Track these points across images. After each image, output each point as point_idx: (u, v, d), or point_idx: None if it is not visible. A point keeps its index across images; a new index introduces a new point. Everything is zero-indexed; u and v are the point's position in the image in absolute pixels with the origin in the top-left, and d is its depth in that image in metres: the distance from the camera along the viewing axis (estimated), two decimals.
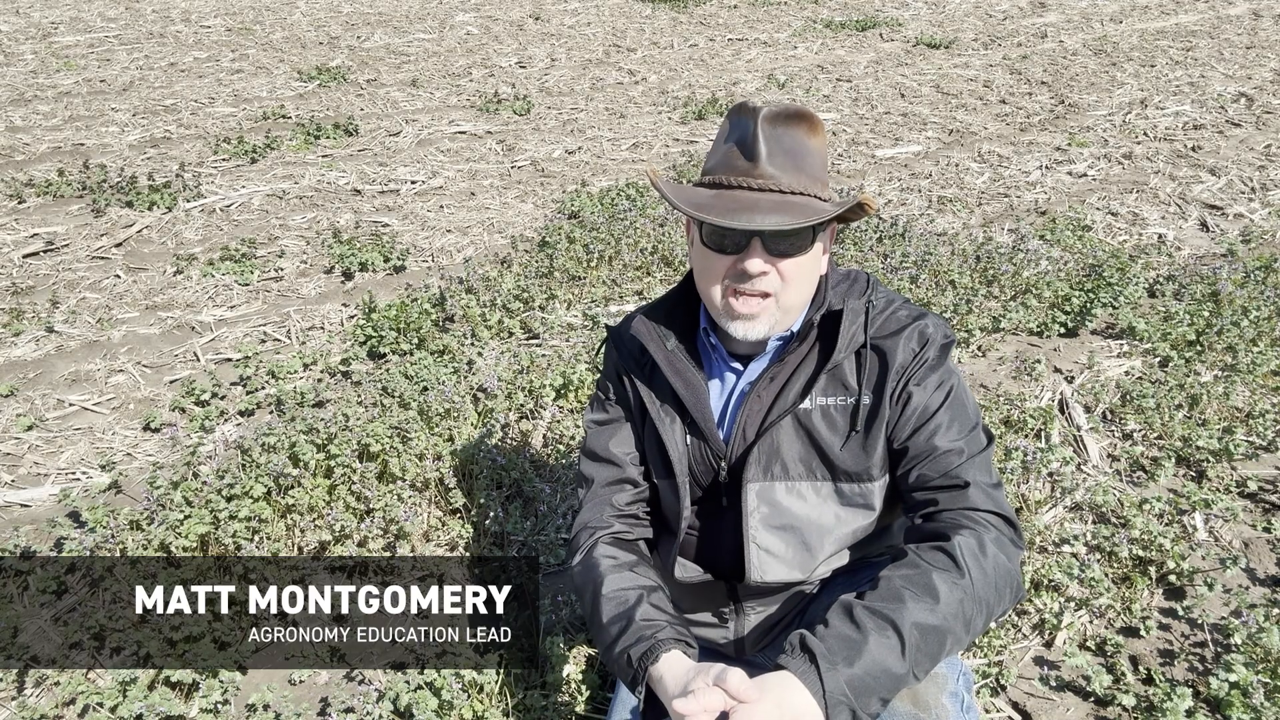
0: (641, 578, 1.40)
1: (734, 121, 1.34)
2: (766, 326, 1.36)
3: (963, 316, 3.44)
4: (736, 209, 1.27)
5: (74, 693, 1.97)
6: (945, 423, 1.36)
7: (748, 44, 9.01)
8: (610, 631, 1.32)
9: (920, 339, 1.39)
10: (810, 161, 1.32)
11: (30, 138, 6.24)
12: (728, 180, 1.32)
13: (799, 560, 1.46)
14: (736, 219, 1.25)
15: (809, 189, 1.30)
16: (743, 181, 1.30)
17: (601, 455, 1.55)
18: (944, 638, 1.17)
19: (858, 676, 1.11)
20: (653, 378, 1.51)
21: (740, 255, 1.31)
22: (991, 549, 1.26)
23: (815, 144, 1.33)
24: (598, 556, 1.44)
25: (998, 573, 1.25)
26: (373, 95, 7.34)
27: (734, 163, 1.32)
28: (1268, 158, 5.57)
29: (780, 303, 1.35)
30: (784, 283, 1.33)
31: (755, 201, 1.28)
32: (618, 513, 1.52)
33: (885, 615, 1.16)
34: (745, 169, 1.30)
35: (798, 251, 1.31)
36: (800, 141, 1.31)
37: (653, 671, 1.23)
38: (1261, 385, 3.08)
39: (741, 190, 1.30)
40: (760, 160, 1.29)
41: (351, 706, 1.93)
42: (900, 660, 1.13)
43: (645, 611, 1.31)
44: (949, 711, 1.31)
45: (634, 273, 4.00)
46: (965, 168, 5.53)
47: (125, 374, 3.50)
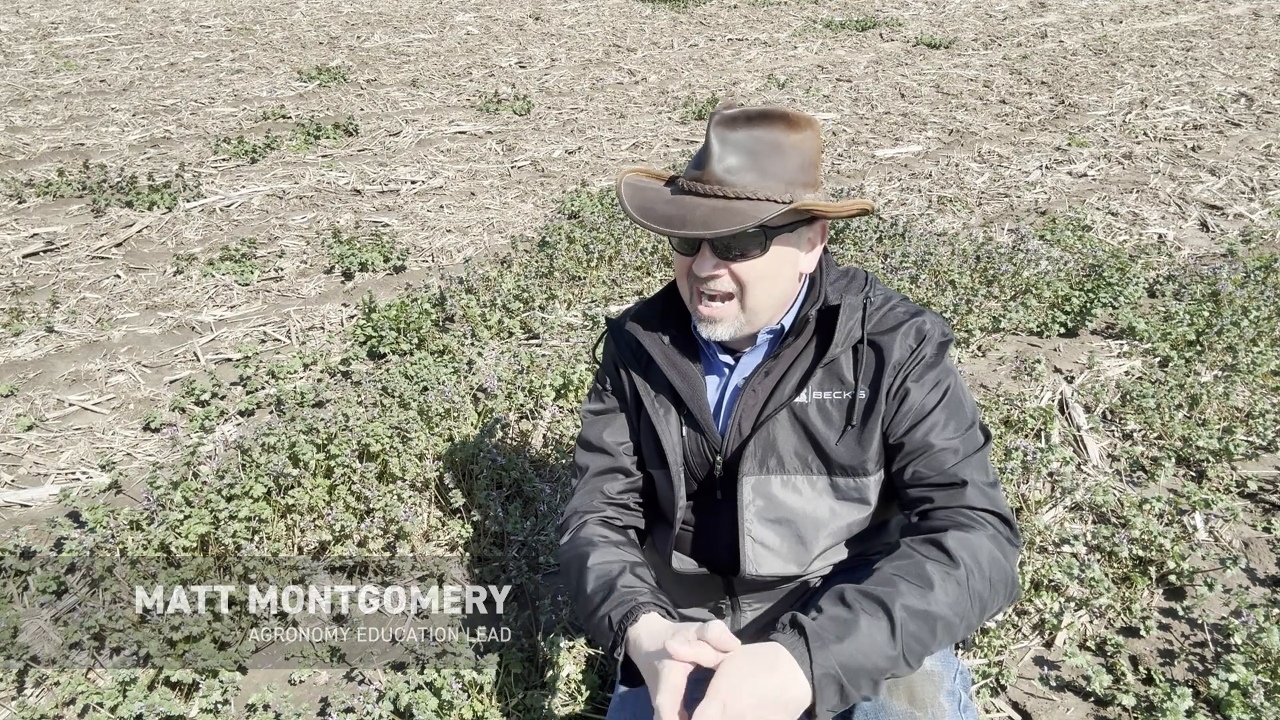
0: (626, 554, 1.42)
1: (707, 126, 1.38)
2: (731, 329, 1.38)
3: (963, 316, 3.44)
4: (681, 215, 1.30)
5: (74, 693, 1.97)
6: (942, 420, 1.36)
7: (748, 44, 9.01)
8: (593, 600, 1.34)
9: (918, 335, 1.40)
10: (779, 161, 1.30)
11: (30, 138, 6.25)
12: (685, 185, 1.35)
13: (794, 554, 1.47)
14: (675, 226, 1.29)
15: (760, 192, 1.29)
16: (694, 186, 1.32)
17: (595, 444, 1.57)
18: (935, 624, 1.17)
19: (847, 653, 1.10)
20: (649, 370, 1.53)
21: (694, 258, 1.34)
22: (988, 545, 1.26)
23: (794, 140, 1.32)
24: (586, 535, 1.47)
25: (993, 568, 1.25)
26: (373, 95, 7.34)
27: (692, 168, 1.35)
28: (1268, 158, 5.57)
29: (745, 305, 1.36)
30: (742, 285, 1.34)
31: (696, 206, 1.30)
32: (608, 500, 1.55)
33: (876, 598, 1.16)
34: (697, 175, 1.32)
35: (750, 255, 1.32)
36: (771, 140, 1.30)
37: (631, 632, 1.25)
38: (1261, 385, 3.08)
39: (691, 196, 1.32)
40: (709, 164, 1.30)
41: (351, 706, 1.93)
42: (891, 641, 1.13)
43: (627, 580, 1.33)
44: (946, 711, 1.31)
45: (634, 273, 4.00)
46: (965, 168, 5.53)
47: (125, 374, 3.50)
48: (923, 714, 1.29)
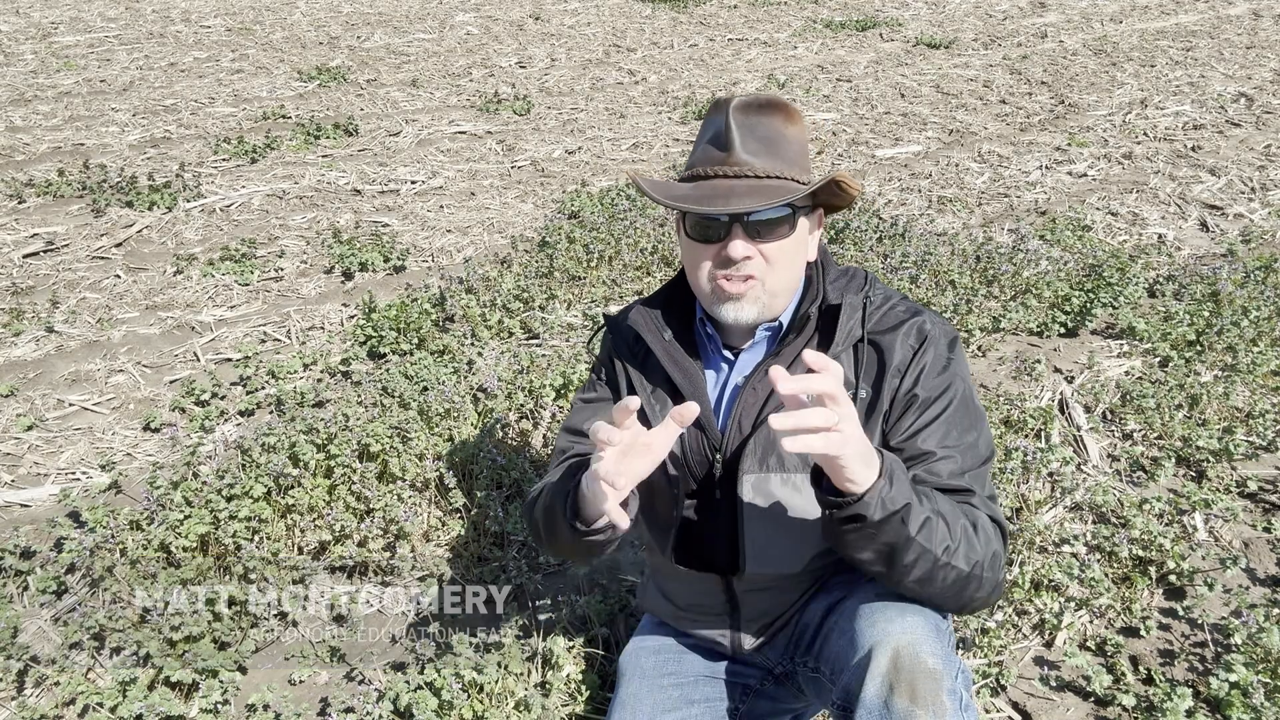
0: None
1: (710, 118, 1.40)
2: (755, 309, 1.39)
3: (963, 316, 3.44)
4: (713, 196, 1.31)
5: (74, 693, 1.97)
6: (948, 426, 1.37)
7: (748, 44, 9.01)
8: (554, 509, 1.37)
9: (919, 335, 1.40)
10: (787, 148, 1.36)
11: (30, 138, 6.25)
12: (705, 171, 1.36)
13: (794, 552, 1.47)
14: (713, 205, 1.30)
15: (785, 172, 1.34)
16: (719, 170, 1.35)
17: (580, 429, 1.57)
18: (944, 543, 1.24)
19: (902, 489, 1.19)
20: (645, 365, 1.53)
21: (724, 242, 1.34)
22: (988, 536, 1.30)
23: (792, 132, 1.37)
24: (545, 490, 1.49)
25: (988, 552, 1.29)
26: (373, 95, 7.34)
27: (710, 154, 1.36)
28: (1268, 158, 5.57)
29: (766, 285, 1.38)
30: (768, 265, 1.36)
31: (731, 188, 1.32)
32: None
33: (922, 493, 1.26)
34: (720, 159, 1.34)
35: (780, 233, 1.35)
36: (776, 129, 1.36)
37: (584, 477, 1.28)
38: (1261, 385, 3.08)
39: (718, 179, 1.35)
40: (734, 148, 1.33)
41: (351, 706, 1.93)
42: (921, 507, 1.21)
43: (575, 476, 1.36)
44: (948, 709, 1.30)
45: (634, 273, 4.00)
46: (965, 168, 5.53)
47: (125, 374, 3.50)
48: (924, 712, 1.29)
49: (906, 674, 1.23)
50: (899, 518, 1.18)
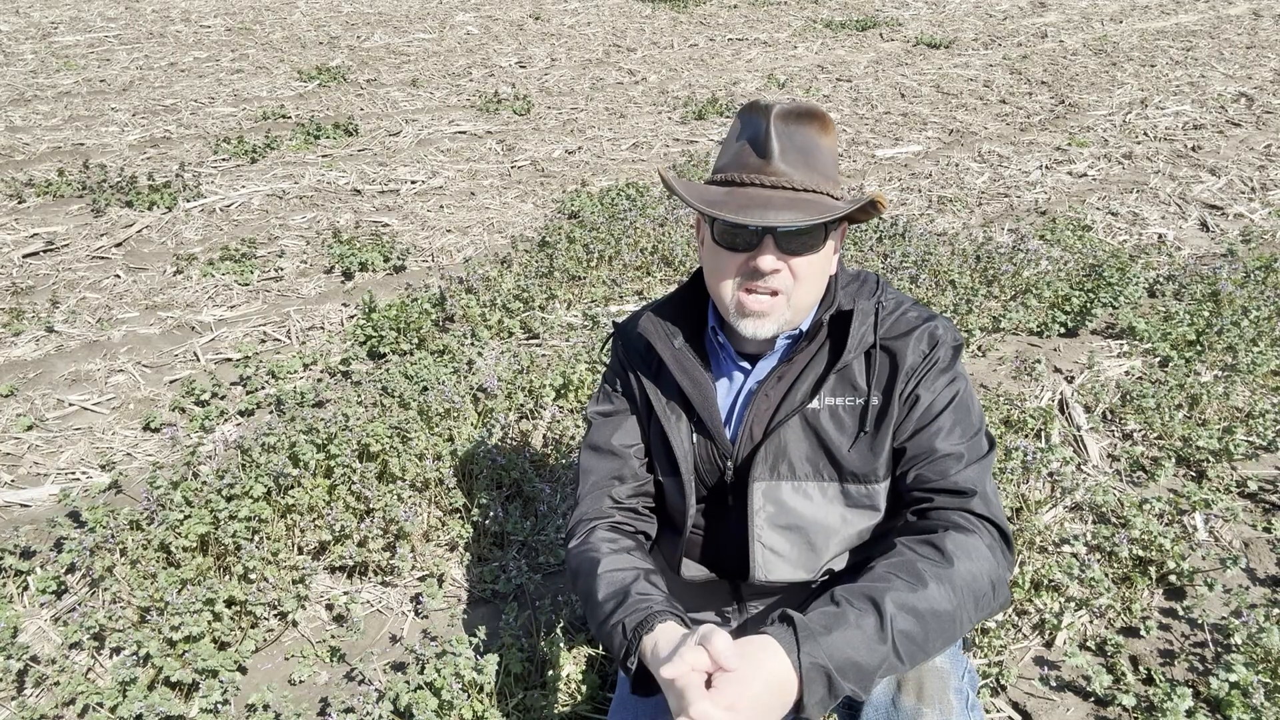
0: (638, 560, 1.39)
1: (746, 119, 1.34)
2: (776, 325, 1.35)
3: (963, 316, 3.44)
4: (750, 206, 1.26)
5: (74, 693, 1.97)
6: (948, 426, 1.36)
7: (748, 44, 9.01)
8: (605, 607, 1.31)
9: (930, 341, 1.39)
10: (822, 160, 1.32)
11: (30, 138, 6.24)
12: (740, 178, 1.31)
13: (804, 560, 1.46)
14: (750, 216, 1.25)
15: (821, 186, 1.30)
16: (755, 179, 1.29)
17: (604, 448, 1.54)
18: (927, 622, 1.17)
19: (835, 645, 1.10)
20: (659, 375, 1.50)
21: (753, 253, 1.30)
22: (984, 549, 1.27)
23: (826, 143, 1.33)
24: (595, 540, 1.44)
25: (986, 572, 1.25)
26: (373, 95, 7.34)
27: (746, 160, 1.31)
28: (1268, 158, 5.57)
29: (791, 301, 1.34)
30: (796, 281, 1.32)
31: (768, 199, 1.27)
32: (617, 505, 1.51)
33: (867, 594, 1.17)
34: (758, 166, 1.30)
35: (810, 249, 1.31)
36: (812, 140, 1.31)
37: (646, 641, 1.22)
38: (1261, 385, 3.08)
39: (754, 188, 1.30)
40: (773, 157, 1.28)
41: (351, 706, 1.93)
42: (880, 634, 1.13)
43: (641, 587, 1.31)
44: (954, 707, 1.31)
45: (634, 273, 4.00)
46: (965, 168, 5.53)
47: (125, 374, 3.50)
48: (930, 710, 1.29)
49: (913, 672, 1.22)
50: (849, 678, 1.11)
